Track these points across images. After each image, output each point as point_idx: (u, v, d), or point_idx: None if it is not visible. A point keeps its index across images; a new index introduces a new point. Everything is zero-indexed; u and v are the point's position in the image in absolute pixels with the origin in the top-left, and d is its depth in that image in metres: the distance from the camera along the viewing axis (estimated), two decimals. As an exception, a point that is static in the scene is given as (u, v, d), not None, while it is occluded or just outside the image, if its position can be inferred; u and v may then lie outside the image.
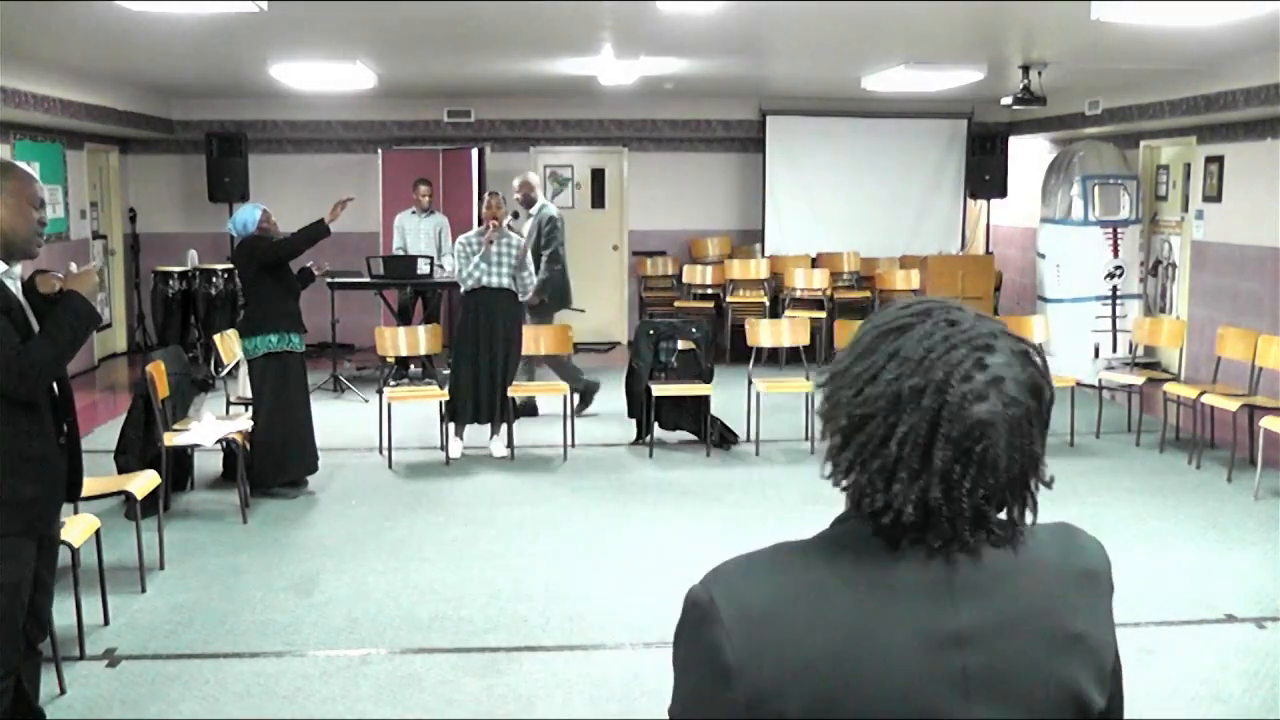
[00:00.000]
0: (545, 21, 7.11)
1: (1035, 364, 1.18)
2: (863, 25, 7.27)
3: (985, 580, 1.15)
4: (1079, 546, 1.25)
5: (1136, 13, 5.89)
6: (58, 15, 6.58)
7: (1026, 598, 1.16)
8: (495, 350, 7.63)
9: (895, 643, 1.12)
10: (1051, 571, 1.20)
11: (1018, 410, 1.14)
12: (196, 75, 10.09)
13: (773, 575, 1.17)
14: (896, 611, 1.13)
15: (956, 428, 1.12)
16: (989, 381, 1.13)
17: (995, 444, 1.12)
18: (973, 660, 1.12)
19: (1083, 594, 1.21)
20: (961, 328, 1.16)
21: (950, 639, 1.12)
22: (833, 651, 1.11)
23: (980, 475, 1.12)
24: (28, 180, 3.34)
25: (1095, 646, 1.19)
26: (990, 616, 1.14)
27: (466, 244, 7.66)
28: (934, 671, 1.11)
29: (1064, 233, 10.54)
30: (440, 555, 5.80)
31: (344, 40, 7.96)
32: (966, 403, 1.12)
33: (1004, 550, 1.16)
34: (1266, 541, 5.97)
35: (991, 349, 1.15)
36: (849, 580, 1.14)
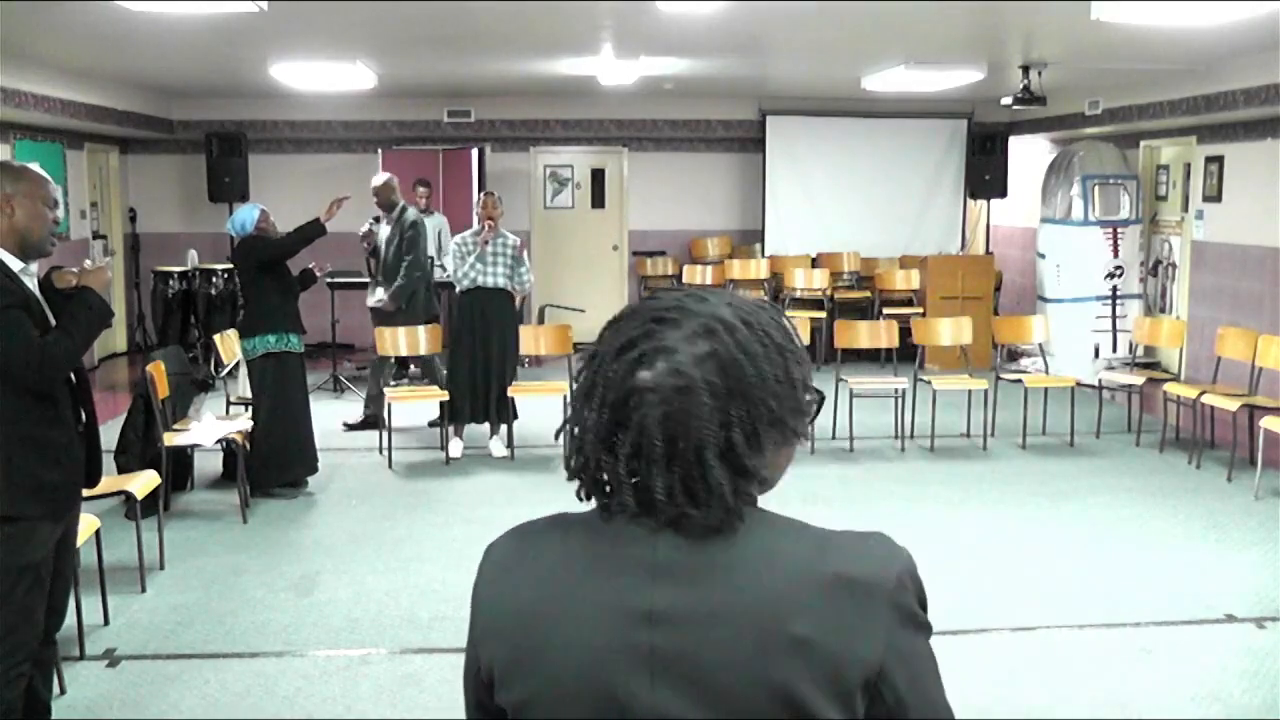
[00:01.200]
0: (545, 21, 7.11)
1: (723, 339, 1.16)
2: (863, 25, 7.27)
3: (695, 566, 1.14)
4: (850, 553, 1.16)
5: (1136, 13, 5.88)
6: (58, 15, 6.58)
7: (740, 592, 1.12)
8: (491, 350, 7.63)
9: (585, 611, 1.15)
10: (786, 571, 1.14)
11: (683, 380, 1.13)
12: (196, 75, 10.10)
13: (520, 536, 1.26)
14: (594, 581, 1.16)
15: (614, 392, 1.16)
16: (655, 350, 1.15)
17: (650, 410, 1.13)
18: (662, 641, 1.12)
19: (824, 599, 1.12)
20: (651, 302, 1.21)
21: (642, 617, 1.13)
22: (528, 609, 1.18)
23: (636, 442, 1.14)
24: (41, 182, 3.45)
25: (827, 655, 1.11)
26: (690, 602, 1.12)
27: (462, 244, 7.66)
28: (619, 646, 1.13)
29: (1064, 233, 10.54)
30: (440, 555, 5.80)
31: (344, 40, 7.96)
32: (625, 368, 1.16)
33: (725, 542, 1.14)
34: (1266, 541, 5.97)
35: (673, 322, 1.17)
36: (567, 547, 1.20)
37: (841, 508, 6.59)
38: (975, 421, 8.17)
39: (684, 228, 12.91)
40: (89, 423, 3.53)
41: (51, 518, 3.37)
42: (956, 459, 7.76)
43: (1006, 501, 6.66)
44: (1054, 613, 4.99)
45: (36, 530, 3.32)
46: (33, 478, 3.29)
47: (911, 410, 8.08)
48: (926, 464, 7.65)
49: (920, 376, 8.32)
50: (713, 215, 12.98)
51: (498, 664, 1.20)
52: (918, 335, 8.74)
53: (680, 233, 12.89)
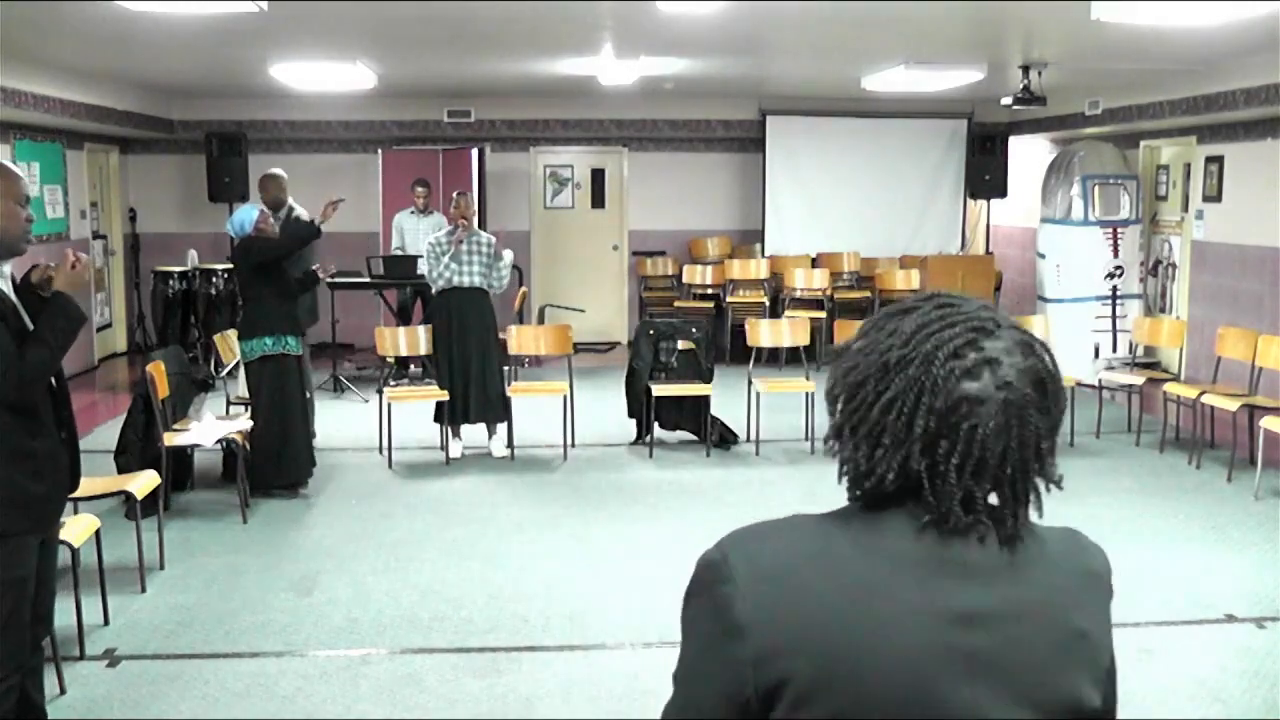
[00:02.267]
0: (545, 21, 7.11)
1: (1039, 356, 1.20)
2: (863, 25, 7.27)
3: (998, 565, 1.16)
4: (1084, 548, 1.26)
5: (1136, 13, 5.88)
6: (58, 15, 6.58)
7: (1038, 589, 1.17)
8: (470, 350, 7.61)
9: (903, 612, 1.12)
10: (1061, 567, 1.21)
11: (1013, 394, 1.15)
12: (196, 75, 10.10)
13: (786, 537, 1.19)
14: (907, 583, 1.13)
15: (940, 399, 1.14)
16: (982, 361, 1.15)
17: (984, 423, 1.14)
18: (981, 641, 1.13)
19: (1088, 593, 1.22)
20: (961, 310, 1.19)
21: (960, 617, 1.13)
22: (841, 614, 1.12)
23: (967, 453, 1.13)
24: (14, 178, 3.33)
25: (1096, 646, 1.20)
26: (1002, 601, 1.15)
27: (436, 244, 7.64)
28: (940, 646, 1.12)
29: (1064, 233, 10.54)
30: (440, 555, 5.80)
31: (344, 40, 7.96)
32: (954, 377, 1.14)
33: (1015, 541, 1.18)
34: (1266, 541, 5.97)
35: (991, 333, 1.17)
36: (859, 546, 1.16)
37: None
38: (975, 421, 8.15)
39: (684, 228, 12.91)
40: (70, 431, 3.45)
41: (38, 530, 3.32)
42: (956, 459, 7.75)
43: (1006, 501, 6.65)
44: (1054, 613, 4.99)
45: (24, 544, 3.26)
46: (19, 491, 3.21)
47: (911, 410, 8.07)
48: (926, 464, 7.64)
49: (920, 376, 8.30)
50: (713, 215, 12.98)
51: (796, 682, 1.11)
52: (918, 335, 8.73)
53: (680, 233, 12.89)
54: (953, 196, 12.47)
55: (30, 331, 3.27)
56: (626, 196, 12.95)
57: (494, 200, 11.91)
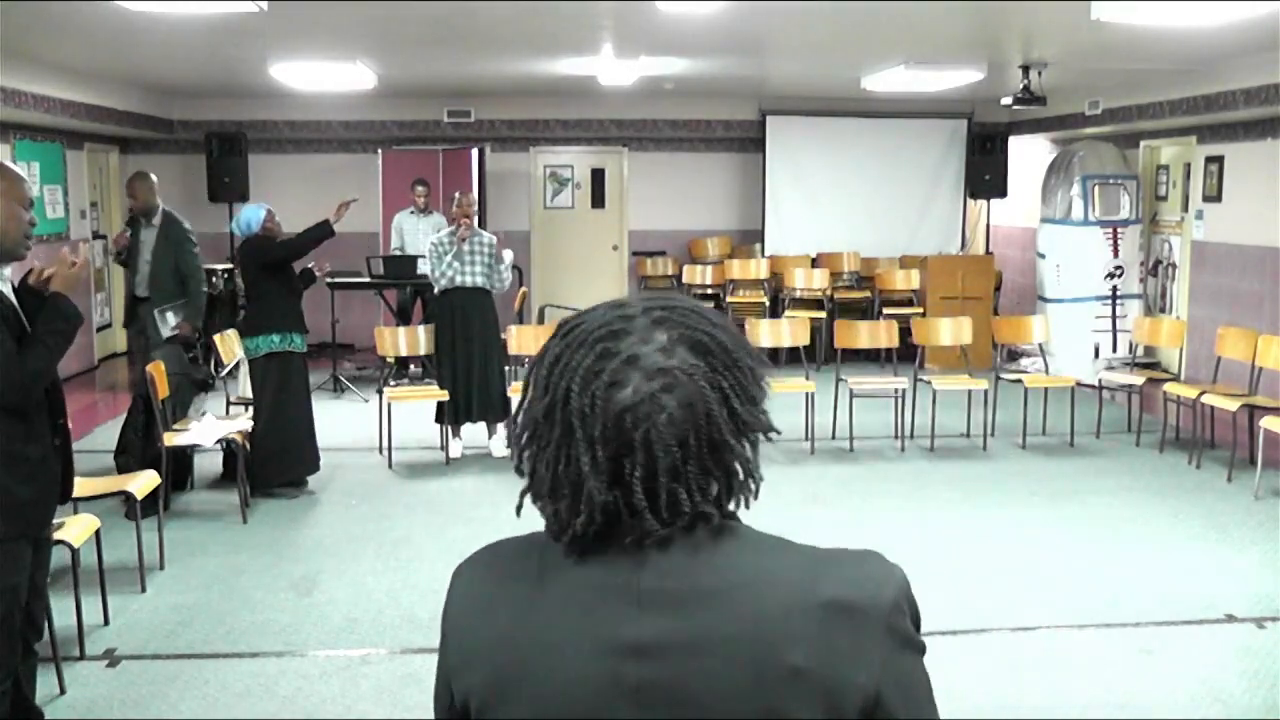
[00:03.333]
0: (545, 21, 7.11)
1: (683, 322, 1.12)
2: (863, 25, 7.27)
3: (678, 594, 1.08)
4: (842, 576, 1.11)
5: (1136, 13, 5.88)
6: (58, 15, 6.58)
7: (732, 620, 1.07)
8: (473, 349, 7.61)
9: (566, 641, 1.09)
10: (777, 598, 1.08)
11: (670, 380, 1.08)
12: (196, 75, 10.10)
13: (494, 559, 1.20)
14: (574, 610, 1.10)
15: (598, 427, 1.07)
16: (622, 364, 1.08)
17: (656, 424, 1.07)
18: (649, 673, 1.06)
19: (818, 626, 1.07)
20: (585, 326, 1.13)
21: (628, 648, 1.07)
22: (505, 639, 1.12)
23: (650, 459, 1.07)
24: (17, 181, 3.31)
25: (823, 685, 1.06)
26: (680, 632, 1.07)
27: (439, 244, 7.64)
28: (603, 678, 1.07)
29: (1064, 233, 10.54)
30: (440, 555, 5.79)
31: (344, 40, 7.96)
32: (599, 399, 1.08)
33: (715, 565, 1.10)
34: (1266, 541, 5.97)
35: (622, 332, 1.11)
36: (540, 572, 1.14)
37: (841, 508, 6.59)
38: (975, 421, 8.16)
39: (684, 228, 12.91)
40: (63, 437, 3.44)
41: (23, 535, 3.30)
42: (956, 459, 7.76)
43: (1006, 501, 6.66)
44: (1054, 613, 4.99)
45: (12, 550, 3.25)
46: (8, 495, 3.20)
47: (911, 410, 8.08)
48: (926, 464, 7.65)
49: (920, 376, 8.31)
50: (713, 215, 12.98)
51: (474, 695, 1.13)
52: (918, 335, 8.74)
53: (680, 233, 12.89)
54: (953, 196, 12.47)
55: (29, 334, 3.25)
56: (626, 196, 12.96)
57: (494, 200, 11.92)
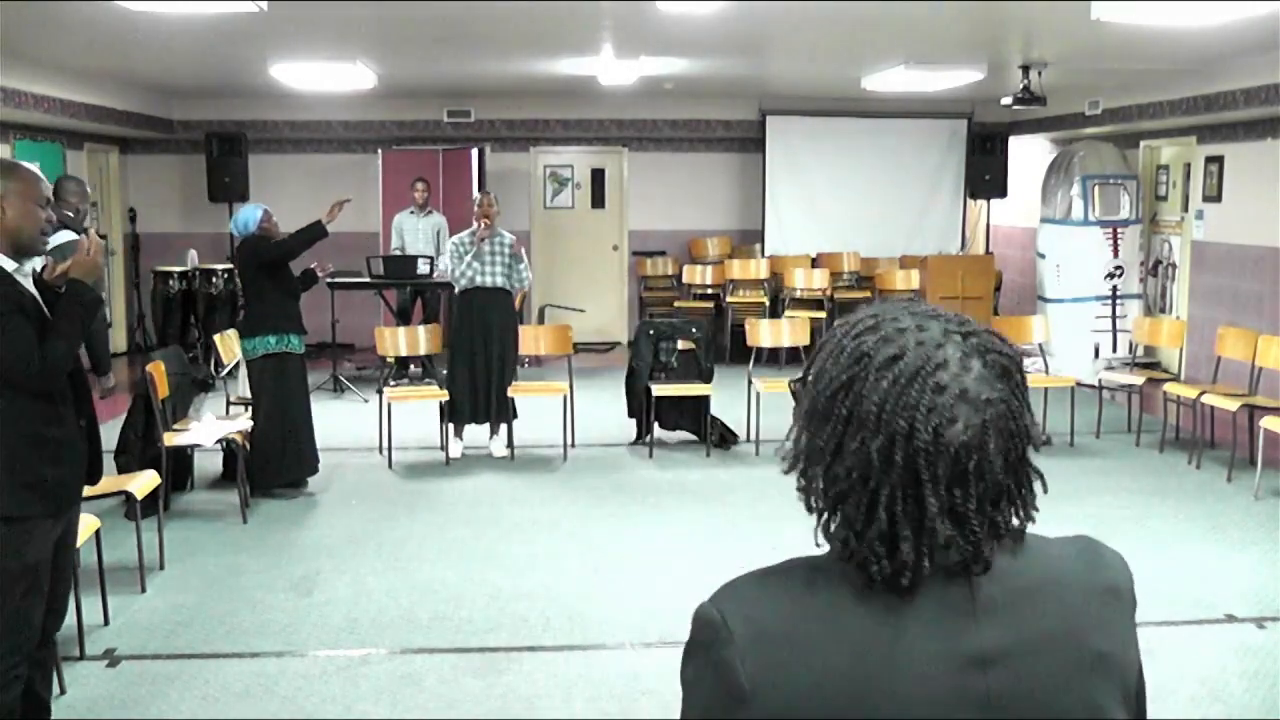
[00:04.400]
0: (545, 21, 7.11)
1: (989, 347, 1.13)
2: (863, 25, 7.27)
3: (1007, 598, 1.11)
4: (1102, 561, 1.19)
5: (1136, 13, 5.89)
6: (58, 15, 6.58)
7: (1050, 616, 1.12)
8: (491, 350, 7.62)
9: (915, 663, 1.07)
10: (1075, 588, 1.15)
11: (994, 410, 1.09)
12: (196, 75, 10.10)
13: (786, 593, 1.12)
14: (916, 631, 1.08)
15: (942, 465, 1.07)
16: (954, 400, 1.08)
17: (986, 453, 1.08)
18: (996, 682, 1.08)
19: (1107, 611, 1.16)
20: (905, 359, 1.10)
21: (973, 660, 1.08)
22: (848, 673, 1.07)
23: (983, 488, 1.09)
24: (33, 180, 3.40)
25: (1120, 666, 1.15)
26: (1014, 636, 1.10)
27: (459, 244, 7.65)
28: (956, 693, 1.08)
29: (1064, 233, 10.54)
30: (440, 555, 5.80)
31: (344, 40, 7.96)
32: (940, 438, 1.07)
33: (1024, 565, 1.13)
34: (1266, 541, 5.97)
35: (945, 365, 1.09)
36: (865, 599, 1.09)
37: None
38: (975, 421, 8.15)
39: (684, 228, 12.91)
40: (89, 420, 3.52)
41: (52, 515, 3.36)
42: (956, 459, 7.75)
43: (1006, 501, 6.65)
44: (1054, 613, 4.99)
45: (36, 529, 3.30)
46: (34, 475, 3.28)
47: (911, 410, 8.06)
48: (926, 464, 7.64)
49: (920, 376, 8.30)
50: (713, 215, 12.98)
51: None
52: (918, 335, 8.72)
53: (680, 233, 12.89)
54: (953, 196, 12.47)
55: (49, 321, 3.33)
56: (626, 196, 12.96)
57: (494, 200, 11.91)
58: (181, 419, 6.77)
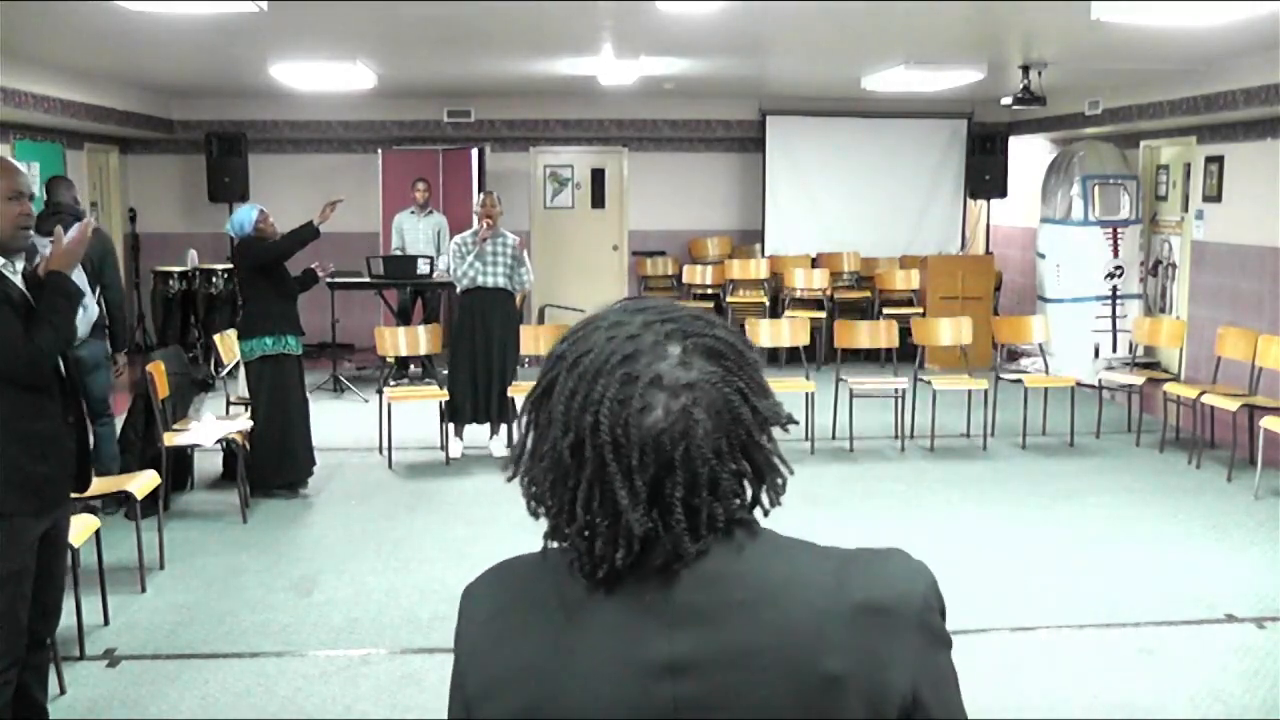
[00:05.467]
0: (545, 21, 7.11)
1: (690, 331, 1.10)
2: (863, 25, 7.27)
3: (714, 607, 1.05)
4: (872, 576, 1.09)
5: (1136, 13, 5.88)
6: (58, 15, 6.58)
7: (763, 631, 1.05)
8: (492, 350, 7.62)
9: (598, 665, 1.06)
10: (810, 603, 1.06)
11: (697, 393, 1.06)
12: (196, 75, 10.10)
13: (510, 580, 1.16)
14: (605, 633, 1.07)
15: (637, 455, 1.04)
16: (646, 387, 1.05)
17: (692, 439, 1.04)
18: (684, 691, 1.04)
19: (852, 631, 1.05)
20: (594, 355, 1.08)
21: (662, 667, 1.04)
22: (534, 666, 1.08)
23: (692, 476, 1.05)
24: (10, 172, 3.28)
25: (862, 690, 1.04)
26: (714, 646, 1.05)
27: (461, 244, 7.65)
28: (639, 700, 1.05)
29: (1064, 233, 10.54)
30: (440, 555, 5.80)
31: (344, 40, 7.96)
32: (633, 427, 1.04)
33: (746, 575, 1.07)
34: (1266, 541, 5.97)
35: (634, 356, 1.07)
36: (567, 594, 1.09)
37: (841, 508, 6.59)
38: (975, 421, 8.16)
39: (684, 228, 12.91)
40: (79, 419, 3.45)
41: (39, 513, 3.30)
42: (956, 459, 7.76)
43: (1006, 501, 6.65)
44: (1054, 613, 4.99)
45: (24, 529, 3.24)
46: (19, 471, 3.21)
47: (911, 410, 8.08)
48: (926, 464, 7.65)
49: (920, 376, 8.32)
50: (713, 215, 12.98)
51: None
52: (918, 335, 8.74)
53: (680, 233, 12.89)
54: (953, 196, 12.46)
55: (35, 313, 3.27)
56: (626, 196, 12.96)
57: (494, 200, 11.90)
58: (181, 419, 6.77)
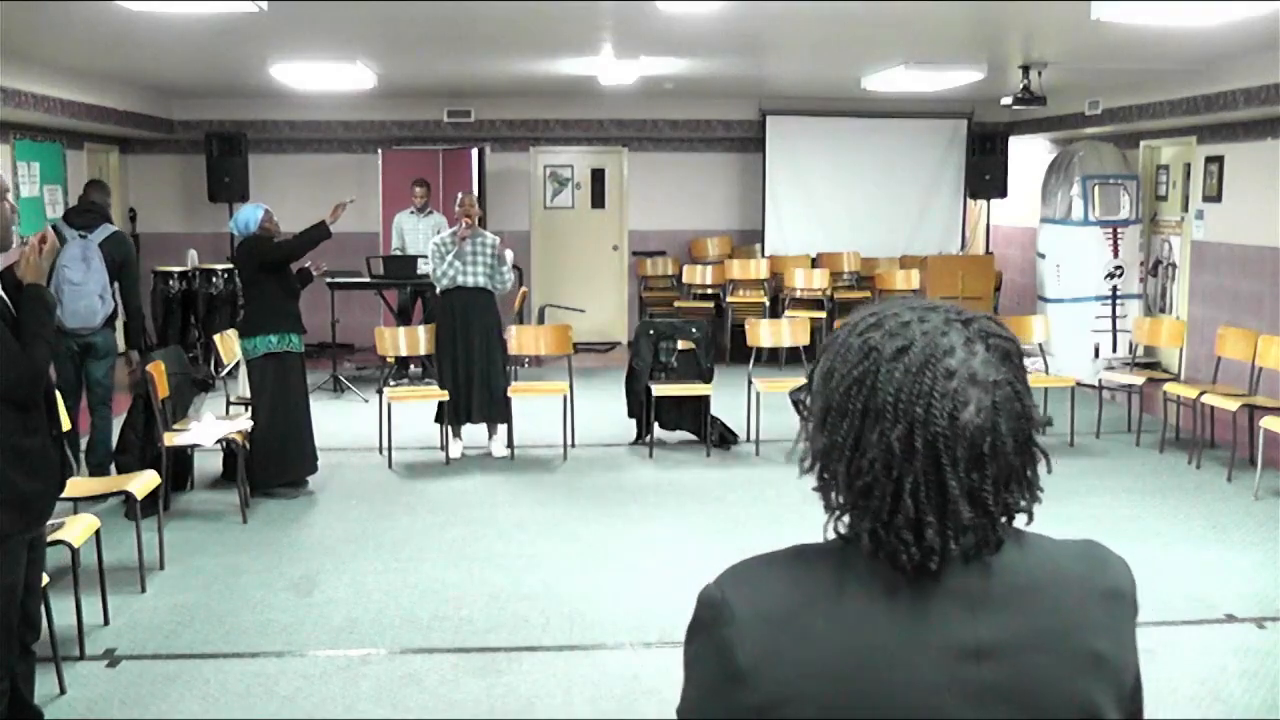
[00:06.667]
0: (545, 21, 7.11)
1: (989, 332, 1.15)
2: (863, 25, 7.27)
3: (1008, 592, 1.13)
4: (1105, 565, 1.21)
5: (1136, 13, 5.88)
6: (58, 15, 6.58)
7: (1050, 614, 1.13)
8: (474, 349, 7.61)
9: (914, 652, 1.09)
10: (1075, 588, 1.16)
11: (1001, 392, 1.12)
12: (196, 75, 10.10)
13: (790, 576, 1.15)
14: (916, 620, 1.10)
15: (960, 448, 1.09)
16: (964, 384, 1.11)
17: (999, 434, 1.11)
18: (991, 674, 1.10)
19: (1106, 613, 1.17)
20: (913, 349, 1.12)
21: (971, 651, 1.10)
22: (849, 658, 1.09)
23: (998, 469, 1.11)
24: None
25: (1116, 668, 1.16)
26: (1012, 631, 1.11)
27: (441, 244, 7.64)
28: (952, 683, 1.09)
29: (1064, 233, 10.54)
30: (440, 555, 5.80)
31: (344, 40, 7.96)
32: (956, 421, 1.09)
33: (1027, 561, 1.15)
34: (1266, 541, 5.97)
35: (949, 351, 1.12)
36: (868, 585, 1.12)
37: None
38: (975, 421, 8.15)
39: (684, 228, 12.91)
40: (58, 431, 3.44)
41: (28, 528, 3.30)
42: (956, 459, 7.75)
43: (1006, 501, 6.64)
44: (1054, 613, 4.99)
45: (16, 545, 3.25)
46: (12, 489, 3.20)
47: (911, 410, 8.06)
48: (926, 464, 7.63)
49: (920, 376, 8.30)
50: (713, 215, 12.98)
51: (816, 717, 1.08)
52: (918, 335, 8.72)
53: (680, 233, 12.89)
54: (953, 196, 12.46)
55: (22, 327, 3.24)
56: (626, 196, 12.95)
57: (494, 200, 11.91)
58: (181, 419, 6.77)
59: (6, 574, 3.23)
